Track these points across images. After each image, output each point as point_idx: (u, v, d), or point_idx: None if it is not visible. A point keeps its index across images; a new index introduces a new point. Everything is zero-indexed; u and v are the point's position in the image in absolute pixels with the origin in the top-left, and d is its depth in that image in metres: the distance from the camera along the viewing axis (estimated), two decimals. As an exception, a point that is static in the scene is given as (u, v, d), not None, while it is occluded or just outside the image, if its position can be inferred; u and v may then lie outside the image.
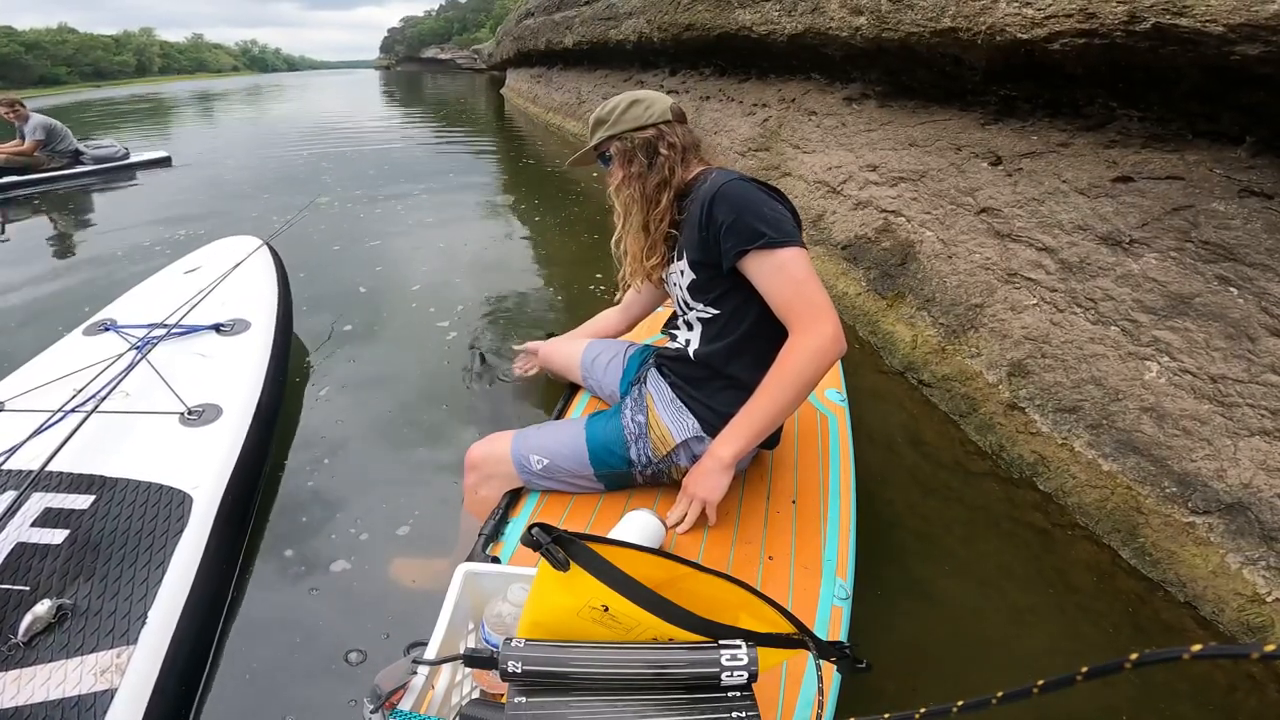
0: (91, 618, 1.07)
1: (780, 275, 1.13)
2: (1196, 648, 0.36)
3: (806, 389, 1.14)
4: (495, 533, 1.19)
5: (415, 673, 0.79)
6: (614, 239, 1.39)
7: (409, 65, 73.52)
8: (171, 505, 1.30)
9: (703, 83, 5.64)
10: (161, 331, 1.91)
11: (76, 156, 6.12)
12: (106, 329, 1.99)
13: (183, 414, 1.58)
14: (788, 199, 1.24)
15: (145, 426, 1.54)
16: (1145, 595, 1.46)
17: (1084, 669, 0.40)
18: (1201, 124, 1.82)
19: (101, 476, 1.35)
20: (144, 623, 1.07)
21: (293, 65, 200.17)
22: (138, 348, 1.81)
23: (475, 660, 0.74)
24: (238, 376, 1.79)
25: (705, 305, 1.26)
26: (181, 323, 1.98)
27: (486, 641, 0.87)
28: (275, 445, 1.86)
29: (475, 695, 0.90)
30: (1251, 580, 1.36)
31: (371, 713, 0.73)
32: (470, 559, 1.10)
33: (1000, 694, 0.46)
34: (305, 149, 8.29)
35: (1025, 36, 1.99)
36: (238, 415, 1.62)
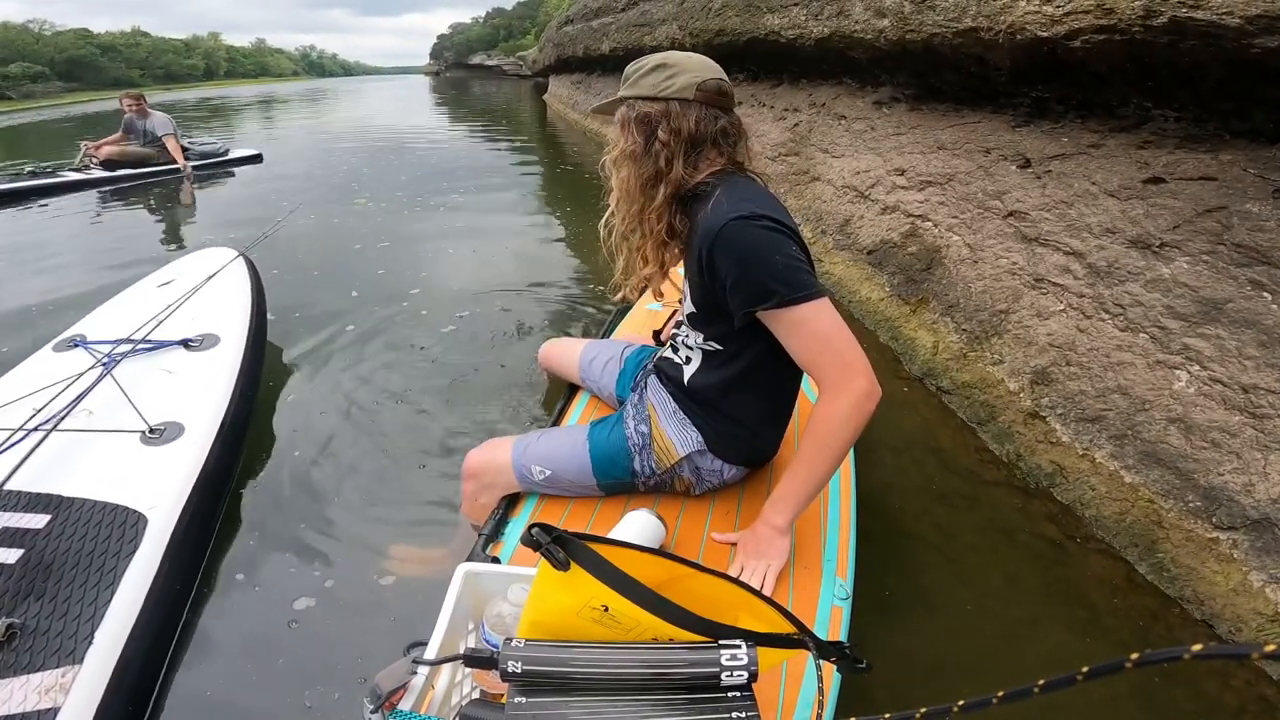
0: (39, 637, 1.07)
1: (801, 331, 1.02)
2: (1197, 647, 0.36)
3: (847, 448, 1.06)
4: (495, 533, 1.22)
5: (415, 673, 0.79)
6: (604, 220, 1.20)
7: (457, 71, 75.28)
8: (125, 526, 1.28)
9: (735, 89, 5.64)
10: (127, 347, 1.85)
11: (182, 152, 6.57)
12: (76, 345, 1.91)
13: (143, 432, 1.54)
14: (795, 229, 1.07)
15: (106, 445, 1.50)
16: (1159, 611, 1.41)
17: (1084, 669, 0.40)
18: (1235, 123, 1.74)
19: (58, 496, 1.33)
20: (90, 643, 1.07)
21: (348, 70, 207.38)
22: (104, 364, 1.76)
23: (475, 660, 0.73)
24: (203, 394, 1.74)
25: (706, 339, 1.20)
26: (149, 338, 1.91)
27: (486, 641, 0.87)
28: (242, 464, 1.80)
29: (475, 695, 0.90)
30: (1274, 599, 1.30)
31: (371, 713, 0.73)
32: (470, 559, 1.12)
33: (1001, 694, 0.45)
34: (353, 152, 8.64)
35: (1045, 34, 1.95)
36: (200, 434, 1.58)
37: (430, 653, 0.83)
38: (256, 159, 7.43)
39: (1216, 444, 1.52)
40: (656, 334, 1.71)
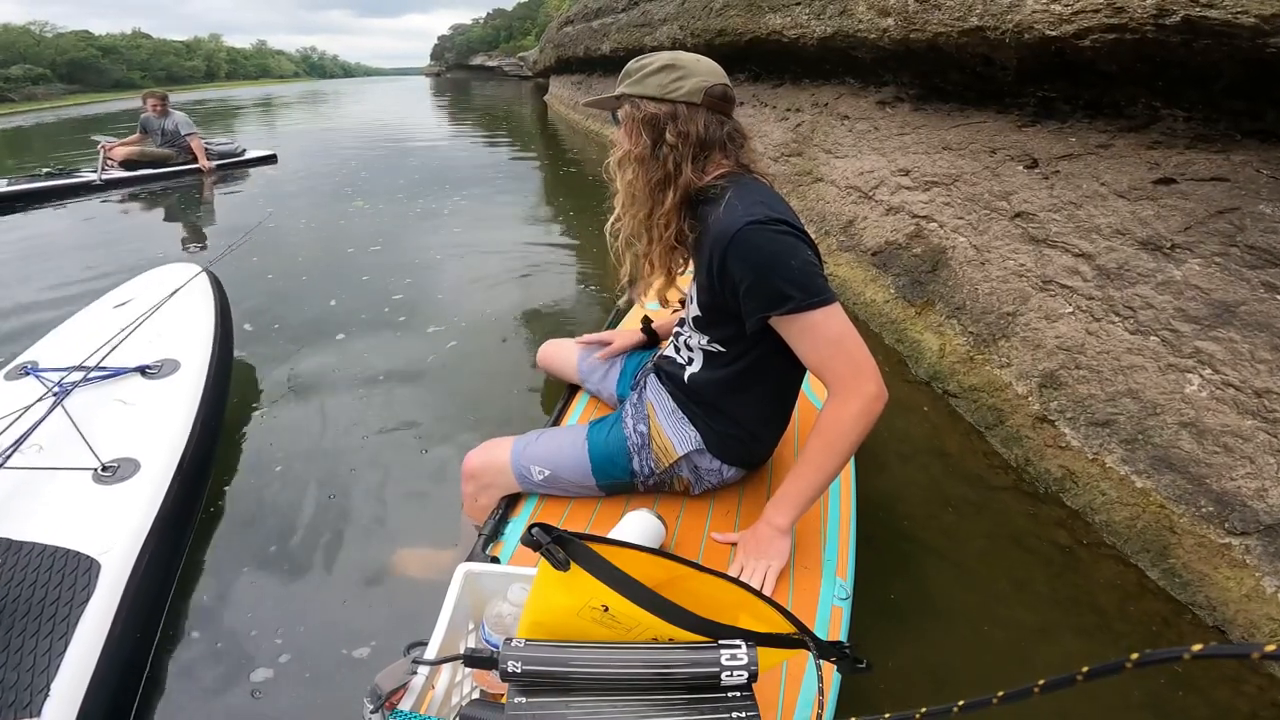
0: None
1: (813, 335, 1.02)
2: (1197, 648, 0.35)
3: (853, 450, 1.06)
4: (495, 533, 1.21)
5: (415, 673, 0.79)
6: (610, 224, 1.17)
7: (458, 72, 75.23)
8: (77, 572, 1.20)
9: (737, 89, 5.60)
10: (80, 376, 1.71)
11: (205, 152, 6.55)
12: (27, 372, 1.77)
13: (96, 470, 1.43)
14: (805, 232, 1.07)
15: (56, 484, 1.41)
16: (1171, 618, 1.39)
17: (1084, 669, 0.40)
18: (1246, 123, 1.72)
19: (7, 539, 1.26)
20: (47, 695, 1.03)
21: (349, 72, 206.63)
22: (55, 394, 1.64)
23: (475, 660, 0.74)
24: (161, 426, 1.62)
25: (710, 341, 1.19)
26: (103, 365, 1.76)
27: (486, 641, 0.88)
28: (206, 501, 1.69)
29: (475, 695, 0.90)
30: (1289, 607, 1.28)
31: (371, 713, 0.73)
32: (470, 559, 1.12)
33: (1001, 694, 0.45)
34: (354, 153, 8.60)
35: (1054, 33, 1.93)
36: (158, 471, 1.48)
37: (430, 653, 0.83)
38: (271, 159, 7.43)
39: (1229, 449, 1.50)
40: (647, 321, 1.69)
